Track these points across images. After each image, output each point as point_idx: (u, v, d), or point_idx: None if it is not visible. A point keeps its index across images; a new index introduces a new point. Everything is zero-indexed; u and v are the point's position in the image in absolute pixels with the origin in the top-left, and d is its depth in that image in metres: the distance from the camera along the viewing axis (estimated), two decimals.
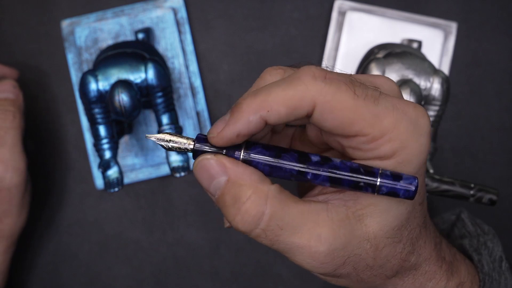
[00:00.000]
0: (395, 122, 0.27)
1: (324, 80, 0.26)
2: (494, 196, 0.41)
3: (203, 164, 0.28)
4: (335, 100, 0.26)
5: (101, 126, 0.43)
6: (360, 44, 0.50)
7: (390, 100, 0.27)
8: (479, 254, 0.35)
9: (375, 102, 0.26)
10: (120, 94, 0.41)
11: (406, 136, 0.27)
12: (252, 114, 0.27)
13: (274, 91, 0.26)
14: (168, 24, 0.49)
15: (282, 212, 0.28)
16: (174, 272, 0.51)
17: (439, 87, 0.43)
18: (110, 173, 0.43)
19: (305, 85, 0.26)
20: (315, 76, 0.26)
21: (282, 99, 0.26)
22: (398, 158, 0.27)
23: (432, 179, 0.40)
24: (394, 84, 0.30)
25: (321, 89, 0.26)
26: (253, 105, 0.27)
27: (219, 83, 0.51)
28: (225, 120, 0.27)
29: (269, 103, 0.26)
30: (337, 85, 0.26)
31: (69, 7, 0.51)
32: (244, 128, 0.27)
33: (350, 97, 0.26)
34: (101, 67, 0.43)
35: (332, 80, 0.26)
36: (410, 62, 0.43)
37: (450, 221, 0.41)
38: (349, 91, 0.26)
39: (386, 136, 0.27)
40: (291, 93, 0.26)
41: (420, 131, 0.27)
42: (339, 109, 0.26)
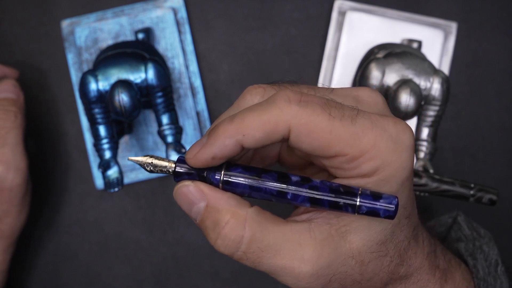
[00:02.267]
0: (374, 140, 0.27)
1: (298, 103, 0.26)
2: (494, 196, 0.41)
3: (182, 191, 0.29)
4: (310, 123, 0.26)
5: (101, 126, 0.43)
6: (360, 44, 0.50)
7: (369, 117, 0.27)
8: (475, 259, 0.35)
9: (352, 121, 0.26)
10: (120, 94, 0.41)
11: (387, 153, 0.27)
12: (228, 138, 0.27)
13: (249, 115, 0.27)
14: (168, 24, 0.49)
15: (262, 235, 0.28)
16: (174, 272, 0.51)
17: (439, 87, 0.43)
18: (110, 173, 0.43)
19: (280, 109, 0.26)
20: (290, 99, 0.26)
21: (257, 124, 0.26)
22: (380, 175, 0.27)
23: (432, 179, 0.40)
24: (378, 95, 0.30)
25: (295, 112, 0.26)
26: (229, 130, 0.27)
27: (219, 83, 0.51)
28: (202, 142, 0.28)
29: (245, 127, 0.27)
30: (312, 108, 0.26)
31: (69, 7, 0.51)
32: (219, 151, 0.27)
33: (326, 119, 0.26)
34: (101, 67, 0.43)
35: (307, 102, 0.26)
36: (410, 62, 0.43)
37: (447, 224, 0.41)
38: (324, 113, 0.26)
39: (366, 155, 0.27)
40: (266, 117, 0.26)
41: (401, 146, 0.27)
42: (315, 132, 0.26)
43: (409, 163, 0.27)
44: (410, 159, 0.27)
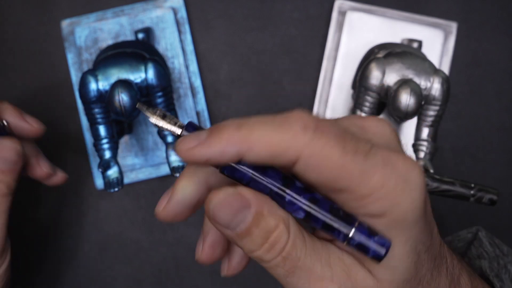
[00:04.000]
0: (383, 179, 0.25)
1: (314, 132, 0.24)
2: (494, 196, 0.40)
3: (227, 200, 0.26)
4: (322, 156, 0.24)
5: (101, 126, 0.43)
6: (360, 44, 0.50)
7: (381, 154, 0.25)
8: (501, 281, 0.34)
9: (364, 157, 0.25)
10: (120, 94, 0.41)
11: (396, 194, 0.25)
12: (230, 146, 0.25)
13: (260, 129, 0.24)
14: (168, 24, 0.49)
15: (301, 242, 0.27)
16: (174, 272, 0.51)
17: (439, 87, 0.43)
18: (110, 173, 0.43)
19: (293, 134, 0.24)
20: (306, 125, 0.24)
21: (266, 142, 0.24)
22: (390, 217, 0.26)
23: (432, 179, 0.40)
24: (386, 125, 0.28)
25: (309, 141, 0.24)
26: (234, 137, 0.25)
27: (219, 83, 0.51)
28: (200, 138, 0.25)
29: (252, 141, 0.24)
30: (326, 139, 0.24)
31: (69, 7, 0.51)
32: (216, 156, 0.25)
33: (339, 153, 0.24)
34: (101, 67, 0.43)
35: (323, 132, 0.24)
36: (410, 62, 0.43)
37: (466, 240, 0.40)
38: (338, 146, 0.24)
39: (375, 194, 0.25)
40: (277, 138, 0.24)
41: (411, 185, 0.26)
42: (325, 165, 0.25)
43: (420, 202, 0.26)
44: (421, 197, 0.26)
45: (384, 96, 0.44)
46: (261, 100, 0.51)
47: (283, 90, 0.51)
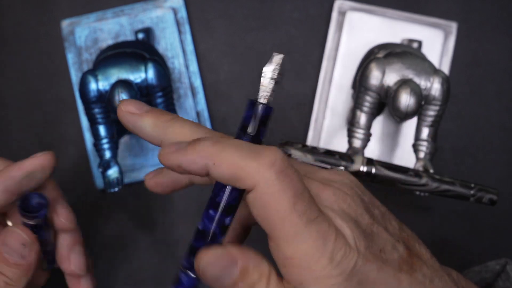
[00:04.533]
0: (311, 249, 0.26)
1: (277, 173, 0.25)
2: (494, 196, 0.41)
3: (216, 257, 0.27)
4: (272, 199, 0.25)
5: (101, 126, 0.43)
6: (360, 44, 0.50)
7: (320, 227, 0.26)
8: None
9: (306, 223, 0.26)
10: (120, 94, 0.41)
11: (317, 266, 0.26)
12: (200, 158, 0.26)
13: (231, 150, 0.26)
14: (168, 24, 0.49)
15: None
16: (174, 272, 0.51)
17: (439, 87, 0.43)
18: (110, 173, 0.43)
19: (258, 166, 0.25)
20: (273, 164, 0.25)
21: (232, 164, 0.26)
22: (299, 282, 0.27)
23: (432, 179, 0.40)
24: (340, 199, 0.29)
25: (268, 178, 0.25)
26: (205, 150, 0.26)
27: (219, 83, 0.51)
28: (181, 146, 0.27)
29: (220, 158, 0.26)
30: (285, 186, 0.25)
31: (69, 7, 0.51)
32: (187, 164, 0.27)
33: (288, 207, 0.25)
34: (101, 67, 0.43)
35: (285, 178, 0.26)
36: (410, 62, 0.43)
37: (495, 271, 0.40)
38: (290, 201, 0.25)
39: (295, 261, 0.26)
40: (243, 164, 0.26)
41: (334, 264, 0.26)
42: (270, 210, 0.26)
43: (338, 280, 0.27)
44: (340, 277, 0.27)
45: (384, 96, 0.44)
46: None
47: (283, 90, 0.51)
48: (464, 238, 0.51)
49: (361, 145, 0.44)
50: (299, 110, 0.51)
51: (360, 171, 0.39)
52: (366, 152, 0.49)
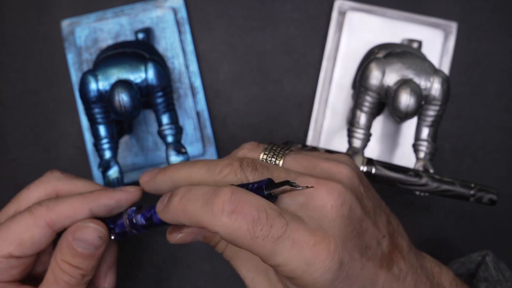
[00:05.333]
0: (287, 260, 0.29)
1: (229, 215, 0.29)
2: (494, 196, 0.40)
3: None
4: (234, 236, 0.29)
5: (101, 126, 0.43)
6: (360, 44, 0.50)
7: (292, 238, 0.29)
8: None
9: (273, 242, 0.29)
10: (120, 94, 0.41)
11: (297, 273, 0.29)
12: (175, 217, 0.32)
13: (191, 206, 0.31)
14: (168, 24, 0.49)
15: None
16: (174, 272, 0.51)
17: (439, 87, 0.43)
18: (110, 173, 0.43)
19: (211, 217, 0.29)
20: (223, 209, 0.29)
21: (195, 217, 0.30)
22: (294, 283, 0.30)
23: (432, 179, 0.40)
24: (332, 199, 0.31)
25: (223, 224, 0.29)
26: (176, 210, 0.32)
27: (219, 83, 0.51)
28: (163, 201, 0.33)
29: (187, 214, 0.31)
30: (239, 224, 0.29)
31: (69, 7, 0.51)
32: (172, 222, 0.33)
33: (248, 238, 0.29)
34: (101, 67, 0.43)
35: (238, 216, 0.29)
36: (410, 62, 0.43)
37: (476, 262, 0.42)
38: (248, 232, 0.29)
39: (280, 268, 0.29)
40: (201, 217, 0.30)
41: (313, 269, 0.29)
42: (239, 242, 0.29)
43: (323, 280, 0.29)
44: (325, 276, 0.29)
45: (384, 96, 0.44)
46: (261, 100, 0.51)
47: (283, 90, 0.51)
48: (464, 238, 0.51)
49: (361, 145, 0.44)
50: (299, 110, 0.51)
51: None
52: (366, 152, 0.49)
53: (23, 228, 0.35)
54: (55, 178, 0.38)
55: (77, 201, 0.36)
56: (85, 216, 0.36)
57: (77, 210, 0.36)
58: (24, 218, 0.36)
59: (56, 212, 0.36)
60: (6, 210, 0.38)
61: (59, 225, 0.36)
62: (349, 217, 0.31)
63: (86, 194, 0.37)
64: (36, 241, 0.36)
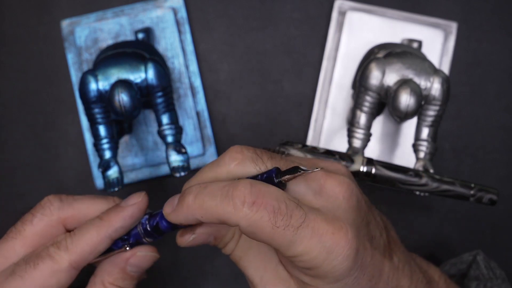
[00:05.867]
0: (308, 248, 0.30)
1: (250, 207, 0.29)
2: (494, 196, 0.40)
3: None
4: (255, 227, 0.30)
5: (101, 126, 0.43)
6: (360, 44, 0.50)
7: (312, 226, 0.30)
8: None
9: (294, 231, 0.30)
10: (120, 94, 0.41)
11: (317, 261, 0.30)
12: (190, 214, 0.32)
13: (210, 201, 0.31)
14: (168, 24, 0.49)
15: None
16: (174, 272, 0.51)
17: (439, 87, 0.43)
18: (110, 173, 0.43)
19: (232, 209, 0.30)
20: (244, 201, 0.30)
21: (214, 213, 0.31)
22: (312, 273, 0.31)
23: (432, 179, 0.40)
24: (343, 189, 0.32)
25: (244, 215, 0.30)
26: (192, 207, 0.32)
27: (219, 83, 0.51)
28: (173, 205, 0.34)
29: (204, 211, 0.31)
30: (260, 215, 0.29)
31: (69, 7, 0.51)
32: (184, 220, 0.33)
33: (269, 227, 0.29)
34: (101, 67, 0.43)
35: (259, 206, 0.29)
36: (410, 62, 0.43)
37: (467, 262, 0.43)
38: (269, 223, 0.29)
39: (299, 257, 0.30)
40: (221, 211, 0.30)
41: (333, 256, 0.30)
42: (259, 234, 0.30)
43: (343, 267, 0.30)
44: (344, 263, 0.30)
45: (384, 96, 0.44)
46: (261, 100, 0.51)
47: (283, 90, 0.51)
48: (464, 238, 0.51)
49: (361, 145, 0.44)
50: (299, 110, 0.51)
51: (360, 171, 0.39)
52: (366, 152, 0.49)
53: (47, 276, 0.35)
54: (56, 208, 0.37)
55: (94, 235, 0.36)
56: (106, 246, 0.36)
57: (97, 244, 0.36)
58: (46, 265, 0.35)
59: (78, 253, 0.35)
60: (12, 246, 0.36)
61: (83, 264, 0.36)
62: (358, 208, 0.32)
63: (100, 224, 0.36)
64: (62, 285, 0.35)
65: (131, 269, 0.37)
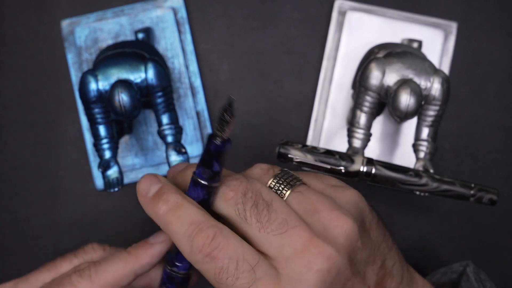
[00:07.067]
0: None
1: (204, 257, 0.30)
2: (494, 196, 0.40)
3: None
4: (203, 272, 0.31)
5: (101, 126, 0.43)
6: (360, 44, 0.50)
7: None
8: None
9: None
10: (120, 94, 0.41)
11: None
12: (154, 216, 0.34)
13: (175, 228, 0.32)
14: (168, 24, 0.49)
15: None
16: None
17: (439, 87, 0.43)
18: (110, 173, 0.43)
19: (190, 249, 0.31)
20: (201, 250, 0.30)
21: (172, 237, 0.32)
22: None
23: (432, 179, 0.40)
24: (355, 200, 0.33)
25: (195, 261, 0.31)
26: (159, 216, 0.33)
27: (219, 83, 0.51)
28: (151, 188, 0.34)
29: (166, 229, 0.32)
30: (208, 267, 0.30)
31: (69, 7, 0.51)
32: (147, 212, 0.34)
33: (213, 280, 0.30)
34: (101, 67, 0.43)
35: (211, 259, 0.30)
36: (410, 62, 0.43)
37: (458, 272, 0.43)
38: (214, 277, 0.30)
39: None
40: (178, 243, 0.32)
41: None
42: (206, 277, 0.31)
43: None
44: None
45: (384, 96, 0.44)
46: (261, 100, 0.51)
47: (283, 90, 0.51)
48: (464, 237, 0.51)
49: (361, 145, 0.44)
50: (299, 110, 0.51)
51: (360, 171, 0.39)
52: (366, 152, 0.49)
53: None
54: (97, 257, 0.37)
55: (120, 269, 0.35)
56: (130, 281, 0.36)
57: (122, 278, 0.35)
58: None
59: (100, 284, 0.34)
60: (43, 277, 0.37)
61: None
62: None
63: (127, 258, 0.35)
64: None
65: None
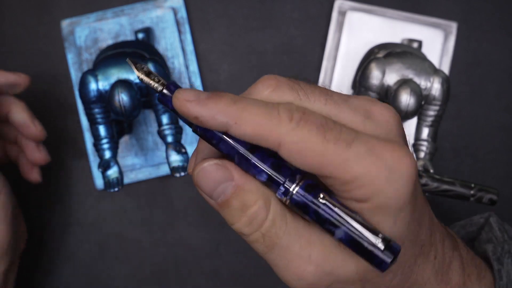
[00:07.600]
0: (366, 167, 0.26)
1: (297, 122, 0.26)
2: (494, 196, 0.41)
3: (208, 169, 0.27)
4: (302, 143, 0.26)
5: (101, 126, 0.43)
6: (360, 44, 0.50)
7: (366, 143, 0.26)
8: (500, 264, 0.34)
9: (347, 146, 0.26)
10: (120, 94, 0.41)
11: (379, 183, 0.26)
12: (221, 115, 0.26)
13: (251, 109, 0.26)
14: (168, 24, 0.49)
15: (281, 221, 0.28)
16: (174, 272, 0.51)
17: (439, 87, 0.43)
18: (110, 173, 0.43)
19: (279, 121, 0.26)
20: (292, 116, 0.26)
21: (253, 122, 0.26)
22: (373, 203, 0.26)
23: (432, 179, 0.40)
24: (392, 115, 0.29)
25: (291, 130, 0.26)
26: (229, 108, 0.26)
27: (219, 83, 0.51)
28: (200, 98, 0.26)
29: (242, 117, 0.26)
30: (308, 128, 0.26)
31: (69, 7, 0.51)
32: (207, 118, 0.26)
33: (319, 141, 0.26)
34: (101, 67, 0.43)
35: (306, 122, 0.26)
36: (410, 62, 0.43)
37: (478, 224, 0.40)
38: (319, 136, 0.26)
39: (357, 181, 0.26)
40: (263, 121, 0.26)
41: (396, 175, 0.26)
42: (307, 153, 0.26)
43: (405, 191, 0.27)
44: (406, 189, 0.27)
45: (384, 96, 0.44)
46: None
47: None
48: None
49: None
50: None
51: None
52: None
53: None
54: None
55: None
56: None
57: None
58: None
59: None
60: None
61: None
62: (405, 137, 0.29)
63: None
64: None
65: None
